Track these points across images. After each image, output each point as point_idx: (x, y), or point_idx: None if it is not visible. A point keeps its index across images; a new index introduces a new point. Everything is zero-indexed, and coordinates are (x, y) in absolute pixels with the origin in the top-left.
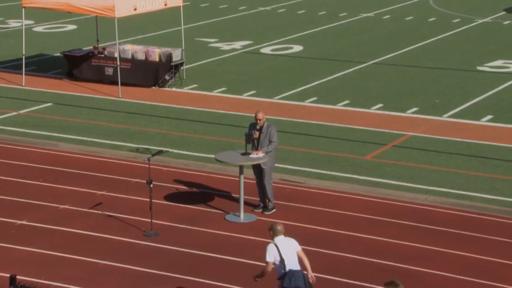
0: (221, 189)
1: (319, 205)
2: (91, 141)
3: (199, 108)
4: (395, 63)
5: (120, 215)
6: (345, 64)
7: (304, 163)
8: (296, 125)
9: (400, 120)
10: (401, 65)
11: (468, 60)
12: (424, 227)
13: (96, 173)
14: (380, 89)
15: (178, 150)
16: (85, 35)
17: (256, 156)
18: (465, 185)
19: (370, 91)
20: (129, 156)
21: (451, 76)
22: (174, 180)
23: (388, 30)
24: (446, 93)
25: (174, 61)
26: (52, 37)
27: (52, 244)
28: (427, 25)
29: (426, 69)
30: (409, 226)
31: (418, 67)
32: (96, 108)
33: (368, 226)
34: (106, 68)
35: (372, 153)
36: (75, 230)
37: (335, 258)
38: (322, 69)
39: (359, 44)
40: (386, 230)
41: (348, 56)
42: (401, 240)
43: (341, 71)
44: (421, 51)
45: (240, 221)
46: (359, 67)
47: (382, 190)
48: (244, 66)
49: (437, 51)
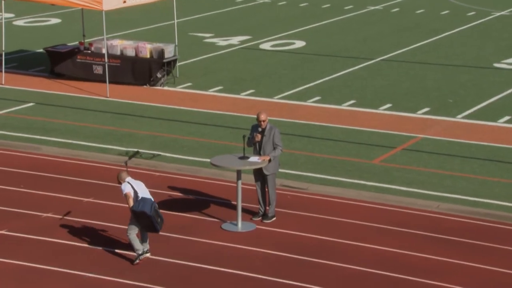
0: (217, 195)
1: (322, 213)
2: (77, 144)
3: (193, 108)
4: (405, 60)
5: (108, 224)
6: (351, 61)
7: (306, 168)
8: (298, 127)
9: (411, 121)
10: (411, 62)
11: (484, 56)
12: (436, 237)
13: (82, 178)
14: (389, 87)
15: (171, 153)
16: (70, 29)
17: (255, 160)
18: (480, 191)
19: (378, 90)
20: (117, 160)
21: (465, 74)
22: (166, 186)
23: (397, 24)
24: (460, 92)
25: (167, 57)
26: (34, 32)
27: (33, 256)
28: (439, 19)
29: (439, 66)
30: (420, 236)
31: (430, 64)
32: (82, 108)
33: (375, 235)
34: (93, 65)
35: (380, 157)
36: (58, 241)
37: (340, 270)
38: (326, 67)
39: (366, 39)
40: (395, 240)
41: (354, 52)
42: (411, 251)
43: (346, 69)
44: (433, 46)
45: (238, 230)
46: (366, 64)
47: (390, 197)
48: (242, 63)
49: (450, 47)
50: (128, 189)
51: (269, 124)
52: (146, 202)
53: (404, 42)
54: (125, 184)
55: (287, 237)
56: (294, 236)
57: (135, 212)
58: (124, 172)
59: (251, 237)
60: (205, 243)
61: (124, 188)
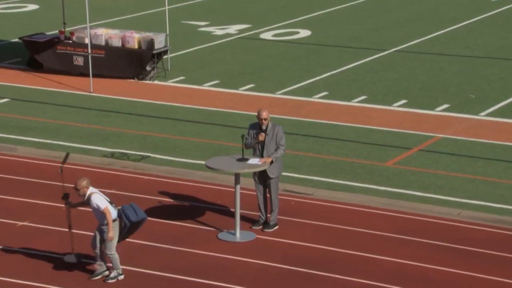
0: (213, 202)
1: (330, 221)
2: (57, 145)
3: (186, 105)
4: (421, 51)
5: (90, 233)
6: (361, 52)
7: (312, 171)
8: (302, 125)
9: (428, 119)
10: (428, 53)
11: (509, 46)
12: (457, 248)
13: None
14: (403, 82)
15: (162, 155)
16: (49, 16)
17: (255, 162)
18: (506, 197)
19: (391, 85)
20: (102, 163)
21: (488, 66)
22: (156, 191)
23: (412, 12)
24: (483, 87)
25: (157, 48)
26: (9, 19)
27: (9, 269)
28: (458, 6)
29: (459, 57)
30: (439, 247)
31: (449, 55)
32: (63, 105)
33: (388, 246)
34: (75, 56)
35: (394, 159)
36: (36, 252)
37: (349, 285)
38: (333, 58)
39: (378, 28)
40: (411, 252)
41: (365, 42)
42: (428, 263)
43: (356, 61)
44: (452, 36)
45: (236, 240)
46: (378, 55)
47: (405, 204)
48: (240, 54)
49: (471, 37)
50: (104, 202)
51: (270, 122)
52: (132, 206)
53: (420, 32)
54: (96, 197)
55: (291, 248)
56: (298, 247)
57: (134, 223)
58: (83, 179)
59: (251, 248)
60: (200, 255)
61: (98, 202)
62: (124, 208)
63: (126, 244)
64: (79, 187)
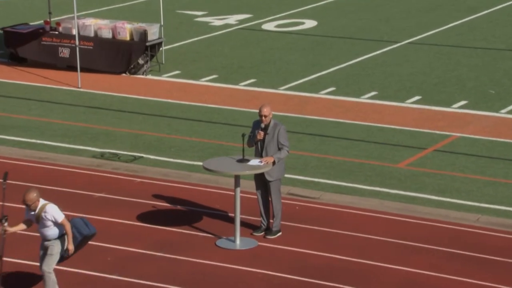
0: (211, 206)
1: (337, 228)
2: (42, 144)
3: (182, 101)
4: (436, 43)
5: (24, 260)
6: (371, 45)
7: (318, 173)
8: (308, 124)
9: (444, 116)
10: (444, 45)
11: None
12: (475, 256)
13: (47, 185)
14: (417, 76)
15: (156, 155)
16: (33, 6)
17: (256, 163)
18: None
19: (404, 79)
20: (91, 164)
21: (509, 59)
22: (149, 194)
23: (426, 0)
24: (504, 82)
25: (150, 40)
26: None
27: None
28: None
29: (477, 50)
30: (455, 255)
31: (466, 47)
32: (49, 101)
33: (401, 255)
34: (61, 49)
35: (407, 160)
36: (18, 261)
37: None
38: (341, 51)
39: (389, 18)
40: (425, 260)
41: (375, 33)
42: (443, 273)
43: (366, 54)
44: (469, 27)
45: (236, 247)
46: (390, 48)
47: (419, 208)
48: (240, 47)
49: (490, 27)
50: (61, 213)
51: (273, 120)
52: (83, 220)
53: (435, 22)
54: (53, 208)
55: (295, 256)
56: (303, 255)
57: (86, 237)
58: (33, 191)
59: (252, 256)
60: (197, 263)
61: (55, 214)
62: (75, 222)
63: (117, 252)
64: (30, 201)
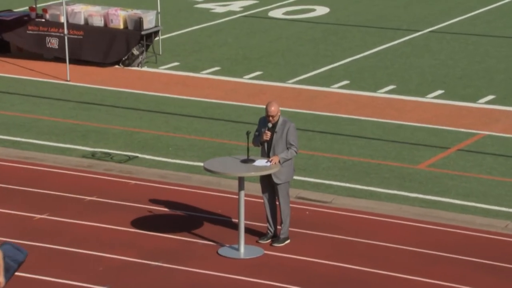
0: (213, 211)
1: (351, 235)
2: (27, 143)
3: (181, 96)
4: (461, 32)
5: (66, 248)
6: (388, 34)
7: (330, 175)
8: (319, 120)
9: (469, 113)
10: (469, 34)
11: None
12: (503, 266)
13: (33, 188)
14: (440, 68)
15: (152, 155)
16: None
17: (263, 164)
18: None
19: (424, 72)
20: (81, 164)
21: None
22: (145, 198)
23: None
24: None
25: (146, 28)
26: None
27: None
28: None
29: (507, 39)
30: (481, 265)
31: (495, 36)
32: (35, 95)
33: (421, 265)
34: (48, 38)
35: (428, 161)
36: None
37: None
38: (355, 41)
39: (409, 4)
40: (448, 271)
41: (393, 21)
42: (467, 284)
43: (383, 44)
44: (498, 14)
45: (240, 256)
46: (409, 37)
47: (442, 214)
48: (245, 36)
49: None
50: None
51: (281, 117)
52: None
53: (460, 8)
54: None
55: (304, 266)
56: (314, 264)
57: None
58: None
59: (257, 266)
60: (197, 274)
61: None
62: (5, 249)
63: (109, 261)
64: None
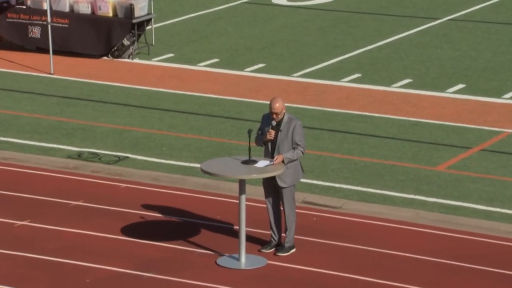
0: (211, 217)
1: (362, 243)
2: (7, 142)
3: (176, 90)
4: (484, 20)
5: (50, 258)
6: (404, 22)
7: (340, 177)
8: (328, 118)
9: (493, 109)
10: (493, 23)
11: None
12: None
13: (13, 192)
14: (461, 60)
15: (144, 156)
16: None
17: (265, 165)
18: None
19: (444, 65)
20: (66, 166)
21: None
22: (137, 203)
23: None
24: None
25: (137, 16)
26: None
27: None
28: None
29: None
30: (507, 276)
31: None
32: (15, 90)
33: (440, 276)
34: (31, 27)
35: (448, 162)
36: None
37: None
38: (367, 30)
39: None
40: (469, 283)
41: (408, 9)
42: None
43: (397, 33)
44: None
45: (241, 267)
46: (426, 26)
47: (463, 220)
48: (246, 25)
49: None
50: None
51: (287, 114)
52: None
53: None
54: None
55: (311, 277)
56: (321, 275)
57: None
58: None
59: (260, 277)
60: (194, 286)
61: None
62: None
63: (97, 272)
64: None
